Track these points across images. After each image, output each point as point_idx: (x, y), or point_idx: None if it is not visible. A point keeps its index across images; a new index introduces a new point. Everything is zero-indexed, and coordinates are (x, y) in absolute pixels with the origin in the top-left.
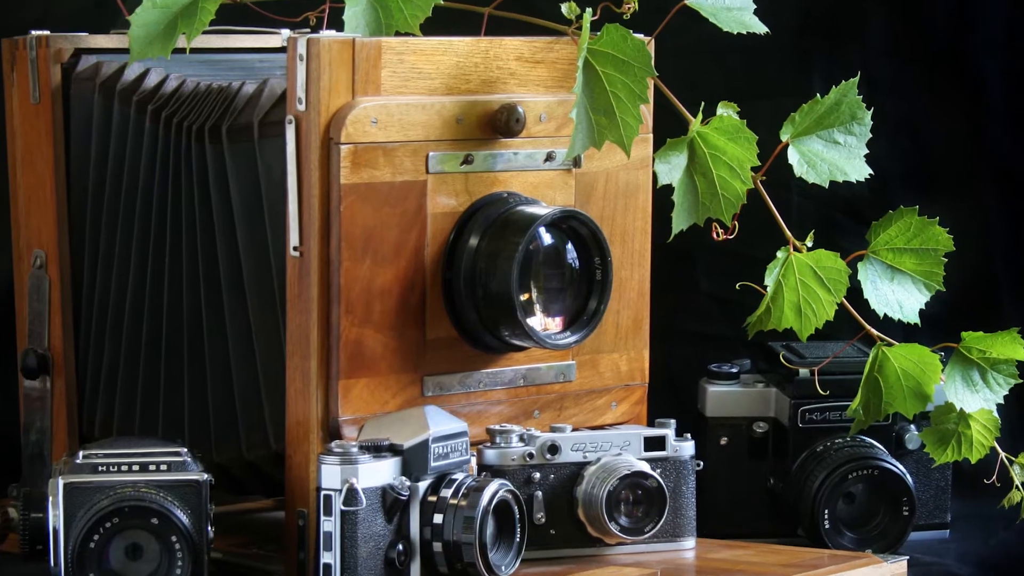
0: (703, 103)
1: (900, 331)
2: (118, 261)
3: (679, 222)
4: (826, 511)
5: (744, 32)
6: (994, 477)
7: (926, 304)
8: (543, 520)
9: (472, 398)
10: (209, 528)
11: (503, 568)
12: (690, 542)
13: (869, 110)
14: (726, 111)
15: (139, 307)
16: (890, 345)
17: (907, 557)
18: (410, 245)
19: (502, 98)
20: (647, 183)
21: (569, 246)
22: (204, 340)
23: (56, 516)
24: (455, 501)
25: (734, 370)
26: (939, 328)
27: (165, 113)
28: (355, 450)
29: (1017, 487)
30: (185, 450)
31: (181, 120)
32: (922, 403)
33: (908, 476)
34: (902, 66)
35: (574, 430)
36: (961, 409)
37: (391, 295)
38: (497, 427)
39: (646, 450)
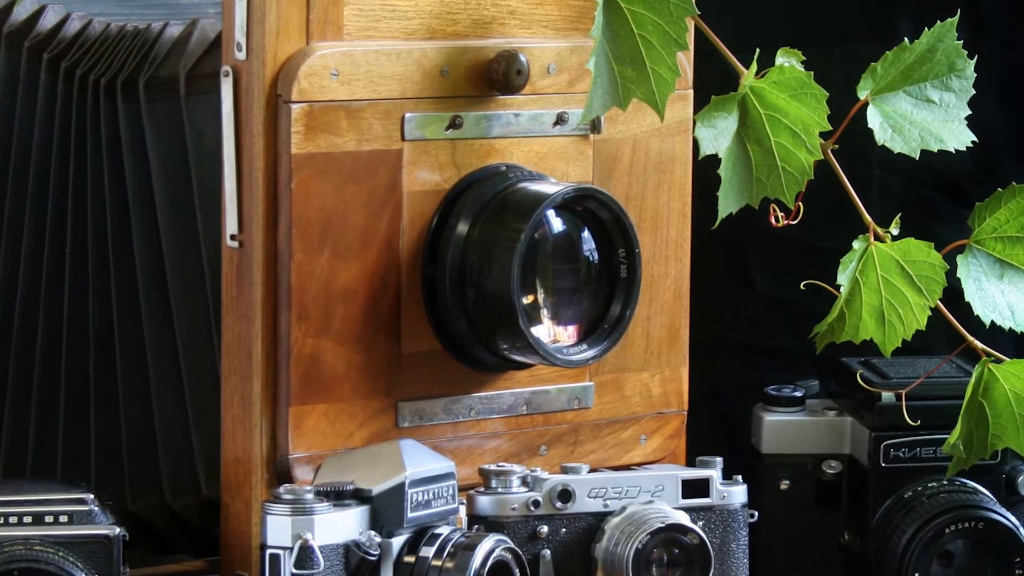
0: (758, 50)
1: (1012, 343)
2: (4, 252)
3: (727, 203)
4: (917, 575)
5: None
6: None
7: None
8: None
9: (461, 430)
10: None
11: None
12: None
13: (972, 59)
14: (788, 60)
15: (32, 312)
16: (999, 362)
17: None
18: (381, 233)
19: (499, 43)
20: (686, 153)
21: (585, 234)
22: (116, 355)
23: None
24: (439, 562)
25: (798, 394)
26: None
27: (66, 63)
28: (310, 496)
29: None
30: (91, 496)
31: (86, 72)
32: None
33: (1022, 529)
34: (1015, 2)
35: (592, 471)
36: None
37: (356, 297)
38: (493, 467)
39: (685, 497)
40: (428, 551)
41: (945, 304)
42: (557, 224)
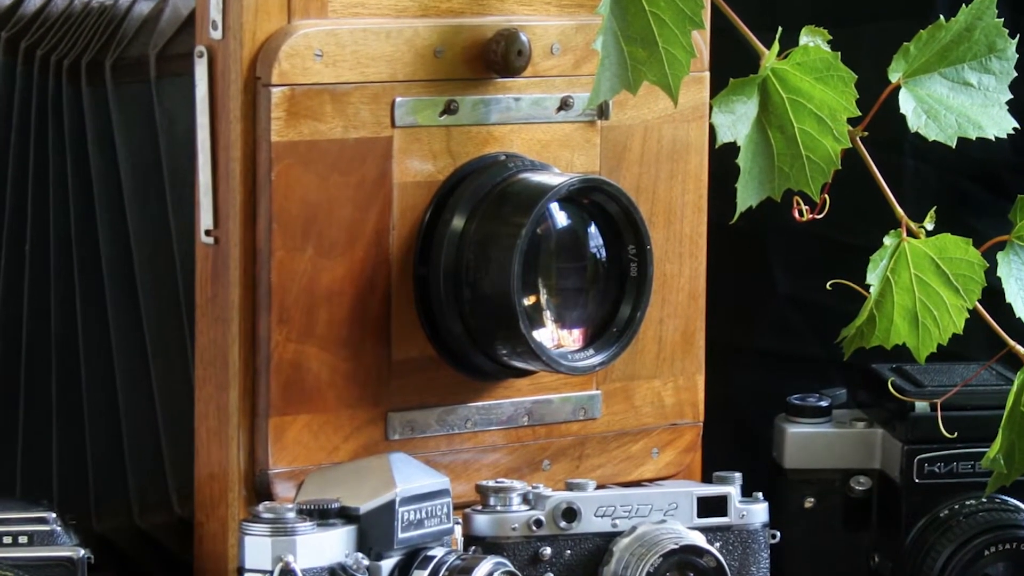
0: (780, 29)
1: None
2: None
3: (747, 196)
4: None
5: None
6: None
7: None
8: None
9: (456, 443)
10: None
11: None
12: None
13: (1014, 39)
14: (813, 40)
15: None
16: None
17: None
18: (369, 228)
19: (498, 21)
20: (701, 141)
21: (592, 229)
22: (80, 362)
23: None
24: None
25: (824, 404)
26: None
27: (25, 43)
28: (292, 515)
29: None
30: (54, 515)
31: (48, 53)
32: None
33: None
34: None
35: (599, 487)
36: None
37: (342, 298)
38: (491, 483)
39: (700, 515)
40: (421, 575)
41: (984, 305)
42: (561, 218)
